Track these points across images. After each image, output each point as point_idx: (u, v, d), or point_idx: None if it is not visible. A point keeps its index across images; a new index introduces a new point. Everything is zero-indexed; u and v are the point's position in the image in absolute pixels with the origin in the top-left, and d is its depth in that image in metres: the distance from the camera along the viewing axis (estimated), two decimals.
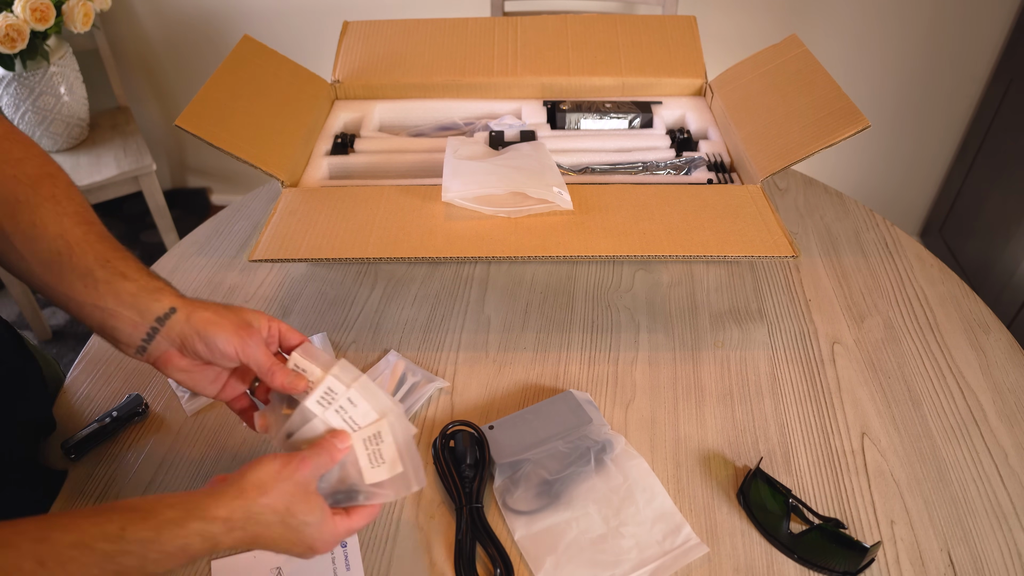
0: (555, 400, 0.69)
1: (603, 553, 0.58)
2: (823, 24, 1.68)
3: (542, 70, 1.02)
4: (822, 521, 0.60)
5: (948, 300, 0.83)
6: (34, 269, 0.53)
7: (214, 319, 0.53)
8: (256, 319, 0.55)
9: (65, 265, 0.52)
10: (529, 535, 0.59)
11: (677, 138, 0.95)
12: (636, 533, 0.59)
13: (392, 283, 0.87)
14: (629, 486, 0.62)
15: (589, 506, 0.61)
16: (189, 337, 0.53)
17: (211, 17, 1.86)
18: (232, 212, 0.99)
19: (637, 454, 0.66)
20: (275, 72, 0.94)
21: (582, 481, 0.62)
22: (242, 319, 0.54)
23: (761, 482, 0.61)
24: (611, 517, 0.60)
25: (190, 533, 0.43)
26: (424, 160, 0.91)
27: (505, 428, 0.65)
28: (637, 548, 0.58)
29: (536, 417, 0.67)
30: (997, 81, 1.68)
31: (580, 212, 0.76)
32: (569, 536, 0.59)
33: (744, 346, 0.77)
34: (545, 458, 0.63)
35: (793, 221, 0.95)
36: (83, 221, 0.54)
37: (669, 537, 0.59)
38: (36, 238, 0.52)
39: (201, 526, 0.44)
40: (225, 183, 2.26)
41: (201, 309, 0.54)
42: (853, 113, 0.78)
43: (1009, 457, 0.66)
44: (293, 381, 0.53)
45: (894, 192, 1.98)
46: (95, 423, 0.68)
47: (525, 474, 0.62)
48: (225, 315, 0.54)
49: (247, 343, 0.53)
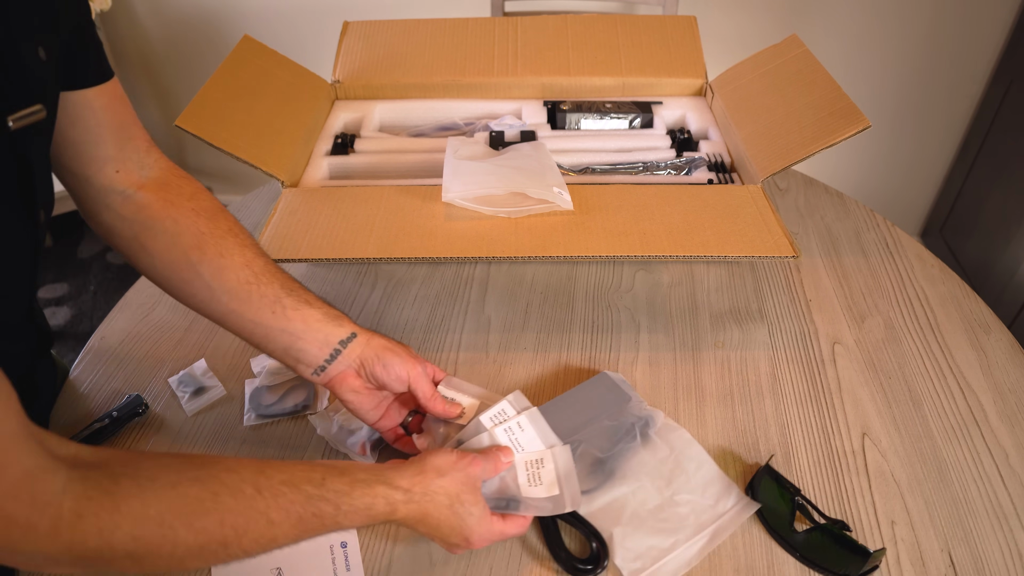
0: (592, 382, 0.71)
1: (663, 521, 0.60)
2: (823, 24, 1.68)
3: (542, 70, 1.02)
4: (827, 522, 0.60)
5: (948, 300, 0.83)
6: (221, 298, 0.59)
7: (391, 346, 0.61)
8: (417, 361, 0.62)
9: (254, 293, 0.58)
10: (591, 512, 0.61)
11: (677, 138, 0.95)
12: (690, 500, 0.62)
13: (392, 283, 0.86)
14: (676, 456, 0.65)
15: (642, 478, 0.63)
16: (368, 360, 0.60)
17: (211, 17, 1.86)
18: (232, 212, 0.99)
19: (678, 426, 0.68)
20: (275, 72, 0.94)
21: (632, 456, 0.65)
22: (411, 351, 0.62)
23: (770, 479, 0.61)
24: (664, 487, 0.63)
25: (376, 494, 0.49)
26: (424, 160, 0.91)
27: (550, 413, 0.67)
28: (694, 514, 0.61)
29: (577, 400, 0.69)
30: (997, 81, 1.68)
31: (580, 212, 0.76)
32: (629, 509, 0.61)
33: (744, 346, 0.77)
34: (594, 438, 0.65)
35: (793, 221, 0.95)
36: (261, 253, 0.61)
37: (722, 500, 0.62)
38: (224, 268, 0.59)
39: (386, 491, 0.49)
40: (225, 183, 2.26)
41: (378, 337, 0.61)
42: (853, 113, 0.78)
43: (1010, 457, 0.66)
44: (449, 408, 0.62)
45: (894, 192, 1.98)
46: (95, 423, 0.68)
47: (578, 455, 0.64)
48: (398, 344, 0.61)
49: (417, 370, 0.60)
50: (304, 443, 0.68)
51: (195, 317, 0.81)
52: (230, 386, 0.74)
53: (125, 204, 0.59)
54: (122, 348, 0.78)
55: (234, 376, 0.75)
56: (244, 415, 0.70)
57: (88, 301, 1.96)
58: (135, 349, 0.78)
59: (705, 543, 0.59)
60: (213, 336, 0.79)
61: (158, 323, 0.81)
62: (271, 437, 0.68)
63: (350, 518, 0.48)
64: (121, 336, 0.80)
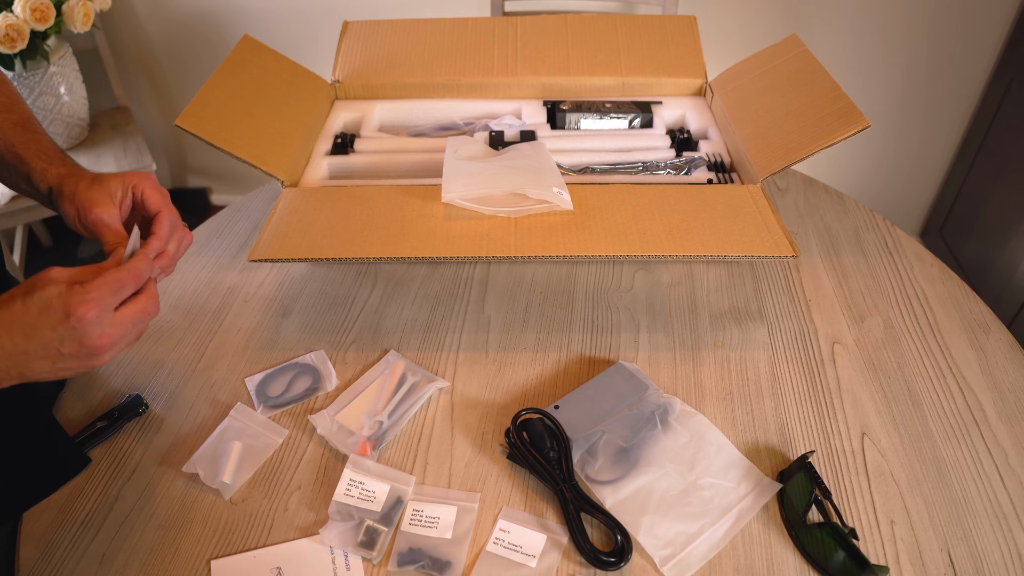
0: (608, 373, 0.72)
1: (689, 506, 0.61)
2: (823, 24, 1.68)
3: (542, 70, 1.02)
4: (839, 523, 0.60)
5: (948, 300, 0.83)
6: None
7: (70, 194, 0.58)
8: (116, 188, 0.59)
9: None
10: (619, 502, 0.62)
11: (677, 138, 0.95)
12: (713, 483, 0.63)
13: (392, 283, 0.87)
14: (696, 442, 0.66)
15: (666, 465, 0.64)
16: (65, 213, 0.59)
17: (211, 17, 1.86)
18: (232, 212, 0.99)
19: (696, 411, 0.69)
20: (275, 72, 0.94)
21: (654, 444, 0.66)
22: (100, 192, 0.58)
23: (804, 475, 0.62)
24: (687, 473, 0.64)
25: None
26: (424, 160, 0.91)
27: (570, 406, 0.68)
28: (718, 496, 0.62)
29: (595, 391, 0.70)
30: (997, 81, 1.68)
31: (580, 212, 0.76)
32: (656, 496, 0.62)
33: (744, 346, 0.77)
34: (616, 427, 0.67)
35: (793, 221, 0.95)
36: (2, 109, 0.63)
37: (743, 482, 0.63)
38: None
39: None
40: (225, 183, 2.26)
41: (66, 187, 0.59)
42: (853, 113, 0.78)
43: (1009, 457, 0.66)
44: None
45: (894, 192, 1.98)
46: (96, 422, 0.68)
47: (601, 445, 0.65)
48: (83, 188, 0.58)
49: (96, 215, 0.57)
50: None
51: (195, 317, 0.82)
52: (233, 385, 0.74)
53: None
54: None
55: (234, 376, 0.75)
56: (256, 409, 0.71)
57: None
58: (135, 349, 0.78)
59: (731, 525, 0.60)
60: (213, 336, 0.79)
61: (158, 323, 0.81)
62: (286, 425, 0.68)
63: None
64: None
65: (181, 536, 0.61)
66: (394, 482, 0.64)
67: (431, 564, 0.58)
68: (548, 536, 0.59)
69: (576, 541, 0.59)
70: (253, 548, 0.60)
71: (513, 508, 0.62)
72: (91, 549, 0.60)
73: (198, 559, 0.59)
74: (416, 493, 0.63)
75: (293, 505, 0.63)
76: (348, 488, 0.63)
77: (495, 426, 0.69)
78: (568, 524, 0.60)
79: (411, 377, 0.73)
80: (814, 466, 0.64)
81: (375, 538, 0.59)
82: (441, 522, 0.61)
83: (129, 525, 0.62)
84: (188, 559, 0.59)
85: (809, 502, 0.61)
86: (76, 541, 0.60)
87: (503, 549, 0.59)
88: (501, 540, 0.59)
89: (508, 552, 0.58)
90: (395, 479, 0.64)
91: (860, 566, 0.56)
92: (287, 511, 0.62)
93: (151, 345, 0.79)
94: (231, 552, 0.59)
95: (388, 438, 0.68)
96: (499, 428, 0.69)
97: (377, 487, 0.63)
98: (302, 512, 0.62)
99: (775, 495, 0.62)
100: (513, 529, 0.60)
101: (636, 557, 0.58)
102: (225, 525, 0.61)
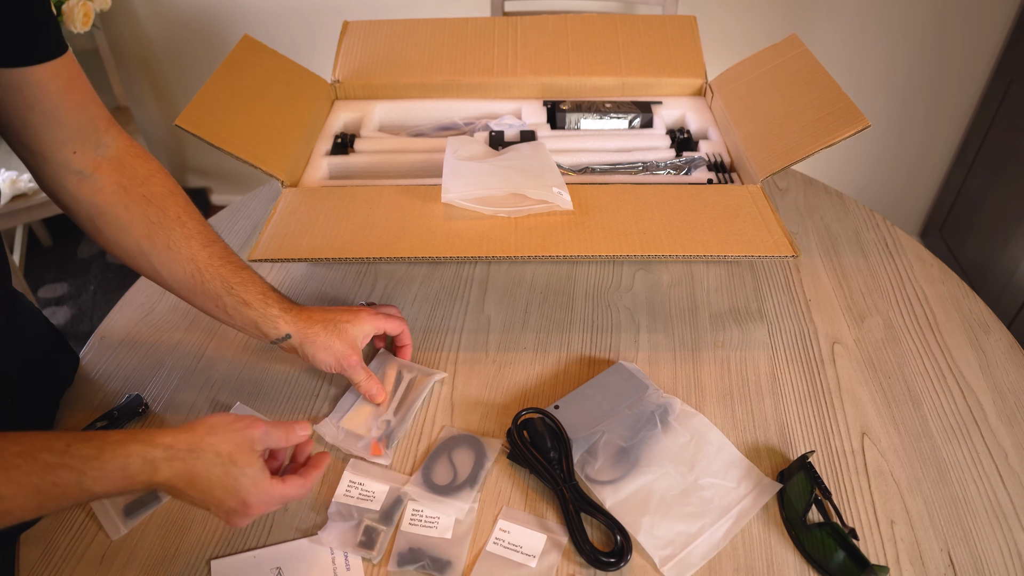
0: (609, 373, 0.72)
1: (689, 506, 0.61)
2: (823, 24, 1.68)
3: (542, 70, 1.02)
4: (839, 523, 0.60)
5: (948, 300, 0.83)
6: (172, 286, 0.63)
7: (325, 341, 0.65)
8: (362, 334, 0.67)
9: (198, 289, 0.62)
10: (619, 501, 0.62)
11: (677, 138, 0.95)
12: (713, 483, 0.63)
13: (392, 283, 0.87)
14: (696, 442, 0.66)
15: (666, 465, 0.64)
16: (303, 352, 0.66)
17: (211, 17, 1.86)
18: (232, 212, 0.99)
19: (696, 412, 0.69)
20: (275, 72, 0.94)
21: (654, 444, 0.66)
22: (347, 334, 0.66)
23: (804, 475, 0.62)
24: (687, 473, 0.64)
25: (131, 453, 0.46)
26: (424, 160, 0.91)
27: (570, 406, 0.68)
28: (718, 496, 0.62)
29: (596, 391, 0.70)
30: (997, 81, 1.68)
31: (580, 212, 0.76)
32: (656, 496, 0.62)
33: (744, 346, 0.77)
34: (616, 427, 0.67)
35: (793, 221, 0.95)
36: (208, 243, 0.63)
37: (743, 482, 0.63)
38: (171, 260, 0.61)
39: (142, 448, 0.47)
40: (225, 183, 2.26)
41: (315, 329, 0.65)
42: (853, 113, 0.78)
43: (1009, 457, 0.66)
44: (375, 393, 0.69)
45: (894, 192, 1.98)
46: (95, 422, 0.68)
47: (601, 445, 0.65)
48: (333, 333, 0.65)
49: (351, 360, 0.66)
50: None
51: (195, 317, 0.82)
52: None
53: (81, 185, 0.60)
54: (122, 348, 0.79)
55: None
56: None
57: (88, 301, 1.96)
58: (135, 349, 0.78)
59: (731, 525, 0.60)
60: (214, 336, 0.79)
61: (158, 323, 0.81)
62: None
63: (100, 484, 0.45)
64: (121, 336, 0.80)
65: (181, 536, 0.61)
66: (394, 482, 0.64)
67: (431, 564, 0.58)
68: (548, 536, 0.59)
69: (576, 541, 0.59)
70: (253, 548, 0.60)
71: (513, 508, 0.62)
72: (91, 549, 0.60)
73: (198, 559, 0.59)
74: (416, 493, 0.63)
75: (293, 505, 0.63)
76: (348, 488, 0.63)
77: (495, 426, 0.69)
78: (568, 524, 0.60)
79: (407, 374, 0.73)
80: (814, 466, 0.64)
81: (375, 538, 0.59)
82: (441, 522, 0.61)
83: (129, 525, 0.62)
84: (188, 559, 0.59)
85: (809, 502, 0.61)
86: (76, 541, 0.60)
87: (503, 549, 0.59)
88: (501, 540, 0.59)
89: (508, 552, 0.58)
90: (395, 479, 0.64)
91: (860, 566, 0.56)
92: (287, 511, 0.62)
93: (151, 345, 0.79)
94: (231, 552, 0.59)
95: (399, 435, 0.68)
96: (499, 428, 0.69)
97: (377, 487, 0.63)
98: (302, 512, 0.62)
99: (775, 495, 0.62)
100: (513, 529, 0.60)
101: (636, 557, 0.58)
102: (225, 525, 0.61)
